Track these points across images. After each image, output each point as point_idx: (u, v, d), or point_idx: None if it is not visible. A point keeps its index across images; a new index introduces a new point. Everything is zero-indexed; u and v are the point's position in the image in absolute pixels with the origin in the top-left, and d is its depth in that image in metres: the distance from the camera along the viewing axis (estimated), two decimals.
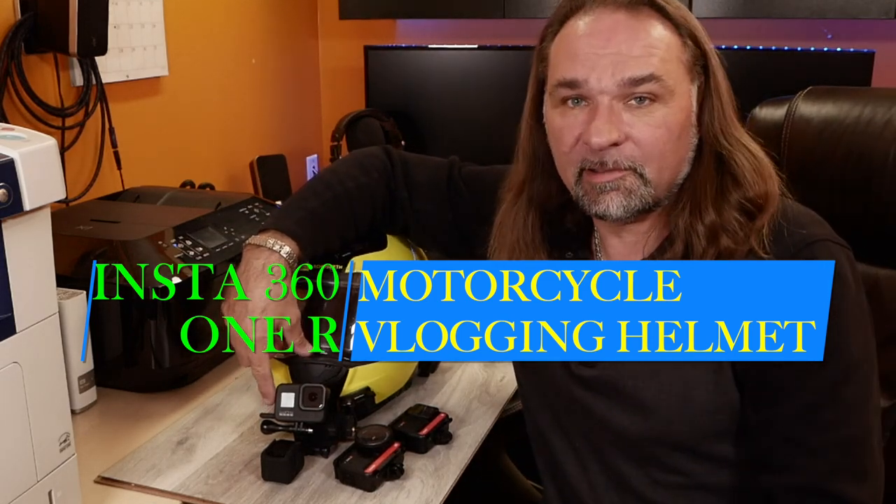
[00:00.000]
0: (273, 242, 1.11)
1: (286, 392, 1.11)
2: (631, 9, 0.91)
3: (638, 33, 0.90)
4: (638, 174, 0.92)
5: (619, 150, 0.91)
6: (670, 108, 0.91)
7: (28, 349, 0.87)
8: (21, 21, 1.52)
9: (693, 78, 0.93)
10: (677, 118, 0.91)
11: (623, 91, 0.90)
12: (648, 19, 0.91)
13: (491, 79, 2.27)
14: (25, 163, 0.82)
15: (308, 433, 1.10)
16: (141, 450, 1.15)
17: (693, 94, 0.93)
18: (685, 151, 0.94)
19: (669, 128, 0.91)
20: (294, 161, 2.45)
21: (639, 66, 0.89)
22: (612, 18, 0.91)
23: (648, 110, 0.90)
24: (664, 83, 0.90)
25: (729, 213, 0.92)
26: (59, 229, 0.99)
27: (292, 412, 1.10)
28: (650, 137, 0.90)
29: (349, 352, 1.17)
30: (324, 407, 1.09)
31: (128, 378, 1.30)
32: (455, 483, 1.08)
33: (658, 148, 0.91)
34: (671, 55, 0.91)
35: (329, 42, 2.62)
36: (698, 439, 0.95)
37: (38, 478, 0.90)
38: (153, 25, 1.87)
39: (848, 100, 1.21)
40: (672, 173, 0.94)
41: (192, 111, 2.06)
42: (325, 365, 1.18)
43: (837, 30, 2.14)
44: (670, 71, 0.90)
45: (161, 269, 1.25)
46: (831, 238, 0.91)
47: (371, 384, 1.20)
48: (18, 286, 0.85)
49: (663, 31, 0.91)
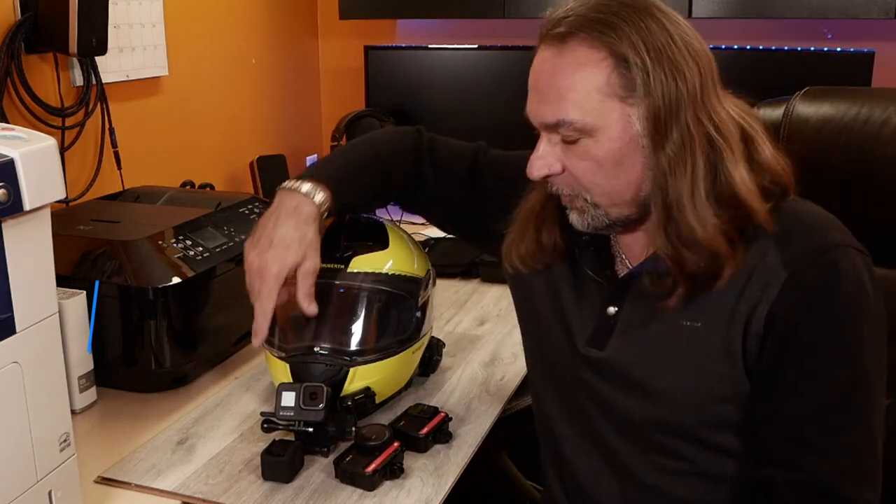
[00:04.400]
0: (308, 189, 1.12)
1: (287, 391, 1.11)
2: (559, 42, 0.92)
3: (554, 76, 0.92)
4: (585, 200, 0.97)
5: (560, 179, 0.97)
6: (598, 141, 0.92)
7: (28, 349, 0.87)
8: (21, 21, 1.52)
9: (634, 101, 0.90)
10: (607, 149, 0.92)
11: (547, 130, 0.95)
12: (572, 53, 0.91)
13: (491, 79, 2.27)
14: (25, 163, 0.82)
15: (308, 432, 1.10)
16: (141, 450, 1.15)
17: (635, 118, 0.91)
18: (633, 174, 0.93)
19: (597, 160, 0.93)
20: (294, 161, 2.45)
21: (550, 112, 0.93)
22: (541, 57, 0.95)
23: (576, 145, 0.94)
24: (577, 125, 0.92)
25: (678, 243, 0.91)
26: (59, 229, 0.99)
27: (293, 411, 1.10)
28: (581, 169, 0.95)
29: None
30: (324, 406, 1.10)
31: (128, 378, 1.30)
32: (455, 482, 1.08)
33: (589, 179, 0.95)
34: (588, 92, 0.91)
35: (329, 42, 2.62)
36: (704, 428, 0.96)
37: (38, 478, 0.90)
38: (153, 25, 1.87)
39: (845, 100, 1.21)
40: (623, 195, 0.95)
41: (192, 111, 2.06)
42: (325, 364, 1.18)
43: (837, 30, 2.14)
44: (589, 109, 0.91)
45: (161, 269, 1.25)
46: (852, 244, 0.91)
47: (371, 384, 1.20)
48: (18, 286, 0.85)
49: (585, 66, 0.90)
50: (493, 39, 2.36)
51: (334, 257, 1.21)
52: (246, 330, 1.41)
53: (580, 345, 1.04)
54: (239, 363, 1.42)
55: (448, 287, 1.76)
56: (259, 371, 1.38)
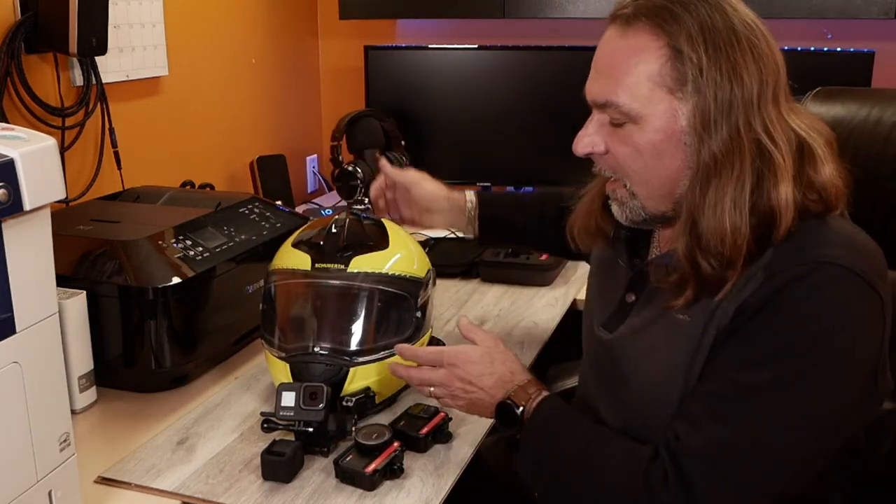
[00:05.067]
0: None
1: (287, 391, 1.11)
2: (624, 24, 0.92)
3: (612, 56, 0.93)
4: (626, 188, 0.98)
5: (603, 159, 0.98)
6: (642, 129, 0.92)
7: (28, 349, 0.87)
8: (21, 21, 1.52)
9: (683, 97, 0.90)
10: (649, 139, 0.92)
11: (599, 109, 0.96)
12: (635, 36, 0.91)
13: (491, 79, 2.27)
14: (25, 163, 0.82)
15: (308, 432, 1.10)
16: (141, 450, 1.15)
17: (681, 113, 0.91)
18: (671, 170, 0.94)
19: (639, 148, 0.93)
20: (294, 161, 2.45)
21: (601, 91, 0.94)
22: (606, 36, 0.95)
23: (621, 129, 0.95)
24: (623, 109, 0.92)
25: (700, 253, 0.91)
26: (59, 229, 0.99)
27: (293, 411, 1.10)
28: (621, 153, 0.96)
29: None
30: (324, 406, 1.10)
31: (128, 378, 1.30)
32: (455, 482, 1.08)
33: (629, 165, 0.95)
34: (640, 78, 0.91)
35: (329, 42, 2.62)
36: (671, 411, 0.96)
37: (38, 478, 0.90)
38: (153, 25, 1.87)
39: (856, 100, 1.20)
40: (662, 189, 0.95)
41: (192, 111, 2.06)
42: (325, 364, 1.18)
43: (837, 30, 2.14)
44: (637, 96, 0.91)
45: (161, 269, 1.25)
46: (853, 268, 0.87)
47: (371, 384, 1.20)
48: (18, 286, 0.85)
49: (642, 52, 0.90)
50: (493, 39, 2.36)
51: (335, 257, 1.21)
52: (246, 330, 1.43)
53: (596, 325, 1.09)
54: (239, 363, 1.42)
55: (448, 287, 1.76)
56: (259, 371, 1.38)
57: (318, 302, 1.22)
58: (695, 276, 0.92)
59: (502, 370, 1.07)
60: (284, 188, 2.29)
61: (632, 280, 1.07)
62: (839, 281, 0.87)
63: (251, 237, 1.44)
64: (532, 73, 2.24)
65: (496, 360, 1.08)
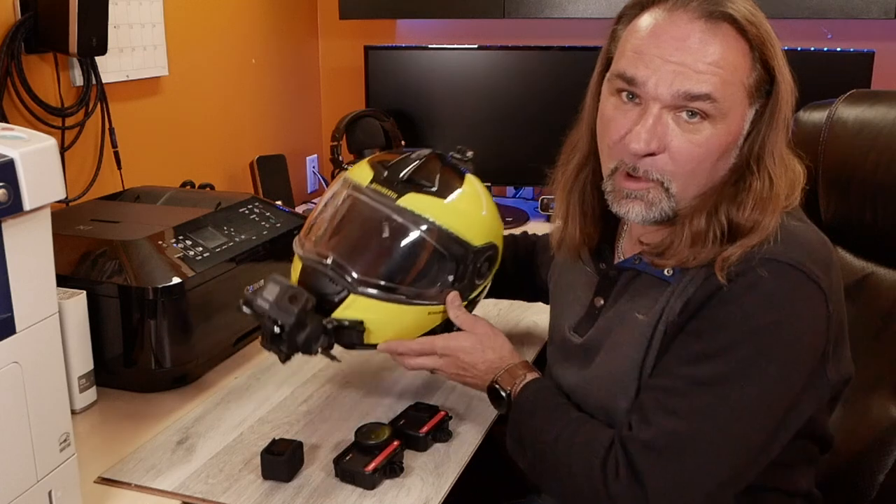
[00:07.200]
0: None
1: (273, 283, 1.09)
2: (710, 20, 0.90)
3: (707, 48, 0.90)
4: (664, 188, 0.95)
5: (653, 160, 0.93)
6: (717, 129, 0.92)
7: (28, 349, 0.87)
8: (21, 21, 1.52)
9: (753, 102, 0.93)
10: (721, 141, 0.92)
11: (676, 102, 0.91)
12: (724, 35, 0.90)
13: (491, 79, 2.27)
14: (25, 163, 0.82)
15: (273, 331, 1.08)
16: (141, 450, 1.15)
17: (748, 118, 0.94)
18: (720, 173, 0.95)
19: (710, 149, 0.92)
20: (294, 161, 2.45)
21: (699, 82, 0.90)
22: (689, 27, 0.91)
23: (695, 127, 0.92)
24: (718, 105, 0.90)
25: (714, 227, 0.93)
26: (59, 229, 0.99)
27: (268, 304, 1.08)
28: (688, 154, 0.92)
29: None
30: (298, 312, 1.07)
31: (128, 378, 1.30)
32: (455, 481, 1.08)
33: (692, 166, 0.93)
34: (735, 77, 0.91)
35: (329, 42, 2.62)
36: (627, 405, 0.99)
37: (38, 478, 0.90)
38: (153, 25, 1.87)
39: (885, 103, 1.20)
40: (698, 190, 0.96)
41: (192, 111, 2.06)
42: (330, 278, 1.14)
43: (837, 30, 2.14)
44: (729, 94, 0.91)
45: (161, 269, 1.25)
46: (795, 263, 0.90)
47: (368, 320, 1.14)
48: (18, 286, 0.85)
49: (734, 51, 0.91)
50: (493, 39, 2.36)
51: (393, 184, 1.15)
52: (246, 330, 1.43)
53: (568, 329, 1.11)
54: (239, 363, 1.42)
55: None
56: (259, 371, 1.39)
57: (351, 217, 1.16)
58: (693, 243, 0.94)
59: (492, 357, 1.14)
60: (284, 188, 2.29)
61: (600, 284, 1.09)
62: (778, 276, 0.89)
63: (251, 237, 1.44)
64: (532, 73, 2.24)
65: (486, 346, 1.14)
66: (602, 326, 1.06)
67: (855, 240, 1.20)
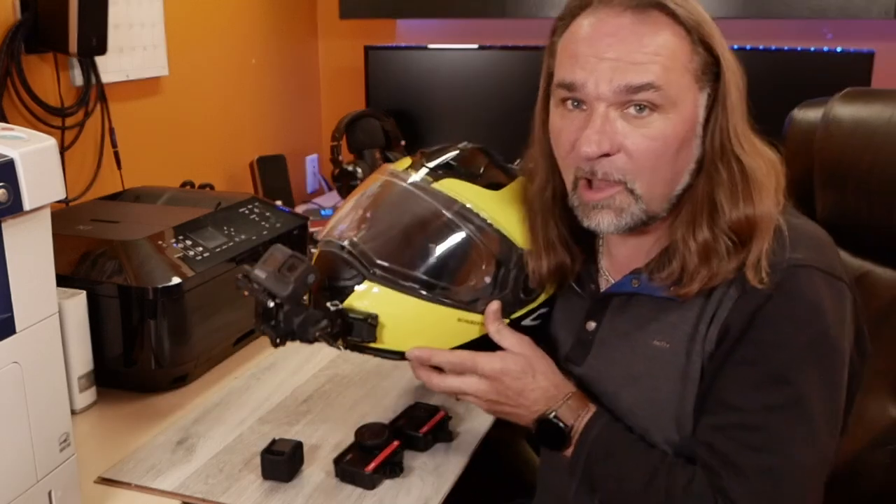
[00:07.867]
0: None
1: (277, 252, 0.98)
2: (637, 11, 0.88)
3: (641, 38, 0.87)
4: (628, 190, 0.91)
5: (610, 161, 0.89)
6: (670, 119, 0.88)
7: (28, 349, 0.87)
8: (21, 21, 1.52)
9: (702, 86, 0.90)
10: (676, 130, 0.89)
11: (620, 98, 0.88)
12: (655, 23, 0.88)
13: (491, 79, 2.27)
14: (25, 163, 0.82)
15: (266, 305, 0.96)
16: (141, 450, 1.15)
17: (700, 104, 0.90)
18: (684, 164, 0.92)
19: (666, 140, 0.88)
20: (294, 161, 2.45)
21: (638, 73, 0.86)
22: (617, 22, 0.88)
23: (646, 121, 0.88)
24: (664, 93, 0.87)
25: (720, 236, 0.90)
26: (59, 229, 0.99)
27: (265, 273, 0.96)
28: (644, 150, 0.88)
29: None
30: (295, 282, 0.94)
31: (128, 378, 1.30)
32: (455, 481, 1.08)
33: (651, 161, 0.89)
34: (676, 63, 0.87)
35: (329, 42, 2.62)
36: (666, 444, 0.95)
37: (38, 478, 0.90)
38: (153, 25, 1.87)
39: (880, 102, 1.19)
40: (666, 187, 0.92)
41: (192, 111, 2.06)
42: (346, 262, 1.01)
43: (837, 30, 2.14)
44: (673, 80, 0.87)
45: (161, 269, 1.25)
46: (819, 265, 0.89)
47: (382, 314, 0.99)
48: (18, 286, 0.85)
49: (670, 36, 0.88)
50: (493, 39, 2.36)
51: (433, 170, 1.04)
52: (246, 330, 1.43)
53: (561, 359, 1.03)
54: (239, 363, 1.42)
55: None
56: (259, 371, 1.39)
57: (378, 201, 1.06)
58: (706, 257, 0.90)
59: (545, 385, 0.98)
60: (284, 188, 2.30)
61: (591, 308, 1.02)
62: (811, 282, 0.88)
63: (251, 237, 1.44)
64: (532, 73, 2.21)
65: (538, 371, 0.98)
66: (604, 356, 1.00)
67: (851, 238, 1.20)
